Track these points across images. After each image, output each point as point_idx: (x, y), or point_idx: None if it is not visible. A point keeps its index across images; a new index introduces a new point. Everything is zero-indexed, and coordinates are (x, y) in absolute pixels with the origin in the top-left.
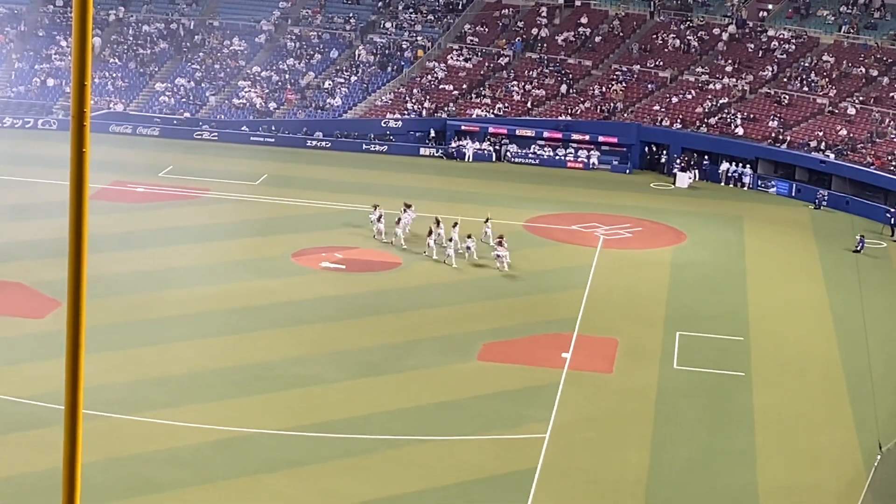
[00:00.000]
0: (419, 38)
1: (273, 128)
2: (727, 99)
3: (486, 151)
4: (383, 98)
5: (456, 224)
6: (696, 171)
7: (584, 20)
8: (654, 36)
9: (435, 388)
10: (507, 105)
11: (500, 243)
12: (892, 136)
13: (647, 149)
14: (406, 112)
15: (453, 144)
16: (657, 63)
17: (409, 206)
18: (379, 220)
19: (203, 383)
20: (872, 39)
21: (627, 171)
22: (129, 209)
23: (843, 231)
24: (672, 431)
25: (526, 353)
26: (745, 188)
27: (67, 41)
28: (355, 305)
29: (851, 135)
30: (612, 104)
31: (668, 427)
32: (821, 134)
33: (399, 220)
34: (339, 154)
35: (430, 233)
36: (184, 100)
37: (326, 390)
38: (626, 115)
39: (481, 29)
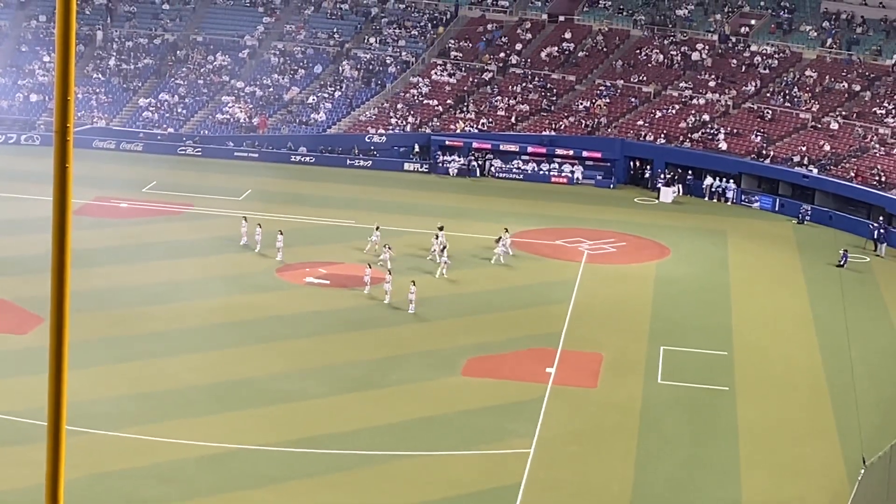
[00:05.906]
0: (403, 53)
1: (257, 143)
2: (710, 114)
3: (470, 166)
4: (367, 113)
5: (437, 237)
6: (680, 186)
7: (567, 35)
8: (638, 51)
9: (419, 403)
10: (491, 120)
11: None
12: (875, 150)
13: (631, 164)
14: (390, 127)
15: (439, 159)
16: (641, 78)
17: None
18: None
19: (187, 399)
20: (855, 55)
21: (611, 185)
22: (112, 224)
23: (827, 245)
24: (656, 445)
25: (510, 367)
26: (729, 203)
27: (51, 57)
28: (339, 320)
29: (834, 149)
30: (595, 119)
31: (653, 441)
32: (804, 149)
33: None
34: (324, 169)
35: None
36: (167, 115)
37: (311, 405)
38: (609, 130)
39: (465, 44)
